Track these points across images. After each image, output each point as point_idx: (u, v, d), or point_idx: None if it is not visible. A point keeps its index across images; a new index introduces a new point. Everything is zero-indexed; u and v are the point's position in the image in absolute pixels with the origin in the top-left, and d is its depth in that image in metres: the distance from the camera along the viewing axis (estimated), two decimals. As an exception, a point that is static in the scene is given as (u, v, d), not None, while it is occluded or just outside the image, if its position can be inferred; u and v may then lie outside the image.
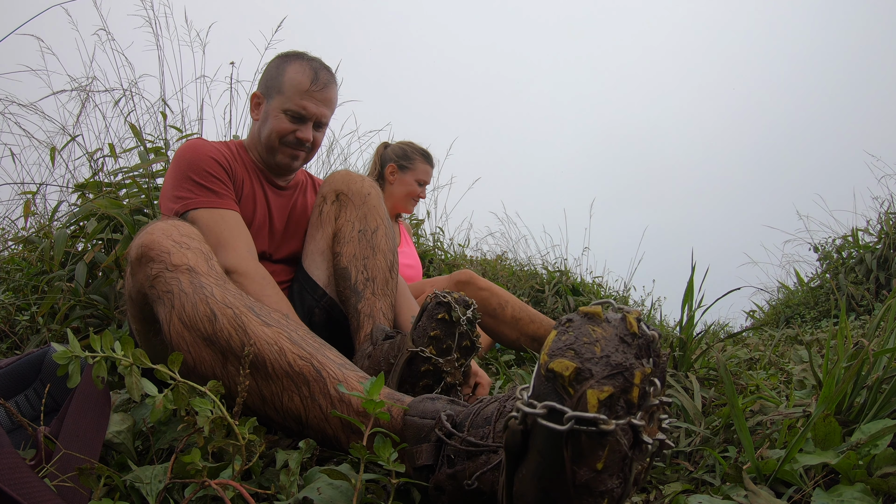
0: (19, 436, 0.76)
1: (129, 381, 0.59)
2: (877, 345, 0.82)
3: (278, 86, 1.27)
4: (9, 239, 2.27)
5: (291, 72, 1.27)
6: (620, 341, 0.45)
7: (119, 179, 2.07)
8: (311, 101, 1.26)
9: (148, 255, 0.81)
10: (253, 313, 0.74)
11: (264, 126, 1.29)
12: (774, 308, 4.19)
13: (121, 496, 0.61)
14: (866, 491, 0.55)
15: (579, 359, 0.44)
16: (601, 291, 3.99)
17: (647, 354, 0.46)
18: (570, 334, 0.46)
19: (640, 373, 0.43)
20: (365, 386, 0.62)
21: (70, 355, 0.59)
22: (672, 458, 0.82)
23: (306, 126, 1.28)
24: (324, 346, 0.75)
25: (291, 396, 0.69)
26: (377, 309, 1.15)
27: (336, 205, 1.26)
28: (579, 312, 0.48)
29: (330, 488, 0.56)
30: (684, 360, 1.09)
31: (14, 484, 0.49)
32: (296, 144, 1.29)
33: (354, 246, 1.20)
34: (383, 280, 1.19)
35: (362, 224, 1.23)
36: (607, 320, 0.46)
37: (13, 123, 2.23)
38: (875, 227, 3.67)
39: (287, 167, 1.33)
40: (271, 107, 1.28)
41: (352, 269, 1.18)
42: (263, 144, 1.31)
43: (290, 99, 1.26)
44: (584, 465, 0.42)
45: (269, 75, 1.31)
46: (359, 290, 1.16)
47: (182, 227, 0.88)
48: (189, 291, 0.76)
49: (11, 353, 1.64)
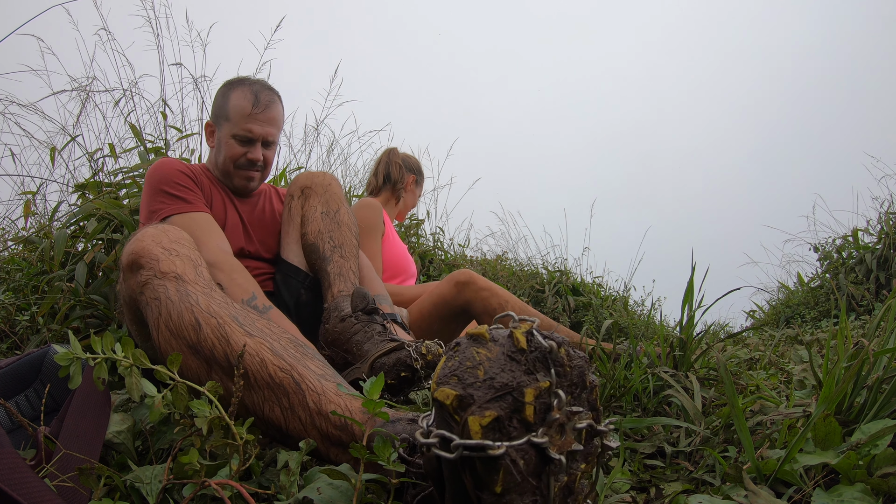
0: (19, 436, 0.76)
1: (129, 382, 0.60)
2: (877, 345, 0.82)
3: (225, 113, 1.38)
4: (9, 239, 2.27)
5: (234, 98, 1.37)
6: (508, 359, 0.44)
7: (119, 179, 2.07)
8: (256, 124, 1.36)
9: (138, 262, 0.83)
10: (236, 323, 0.75)
11: (219, 153, 1.41)
12: (774, 308, 4.19)
13: (121, 496, 0.61)
14: (866, 491, 0.55)
15: (461, 385, 0.43)
16: (601, 291, 3.99)
17: (543, 368, 0.44)
18: (455, 360, 0.45)
19: (532, 390, 0.42)
20: (365, 385, 0.63)
21: (71, 357, 0.59)
22: (672, 458, 0.82)
23: (255, 147, 1.39)
24: (305, 355, 0.75)
25: (272, 407, 0.70)
26: (346, 268, 1.24)
27: (302, 198, 1.37)
28: (466, 335, 0.47)
29: (330, 488, 0.56)
30: (684, 360, 1.09)
31: (14, 484, 0.49)
32: (248, 166, 1.40)
33: (318, 224, 1.31)
34: (351, 246, 1.29)
35: (325, 207, 1.33)
36: (493, 339, 0.45)
37: (13, 123, 2.23)
38: (875, 227, 3.67)
39: (244, 188, 1.43)
40: (222, 134, 1.39)
41: (318, 243, 1.28)
42: (220, 170, 1.42)
43: (237, 124, 1.36)
44: (484, 489, 0.42)
45: (216, 104, 1.42)
46: (327, 257, 1.26)
47: (171, 232, 0.90)
48: (175, 300, 0.77)
49: (11, 353, 1.64)
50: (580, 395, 0.48)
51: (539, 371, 0.44)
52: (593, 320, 3.32)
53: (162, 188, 1.26)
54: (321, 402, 0.68)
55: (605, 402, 1.02)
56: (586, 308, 3.50)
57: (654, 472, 0.79)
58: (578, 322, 3.36)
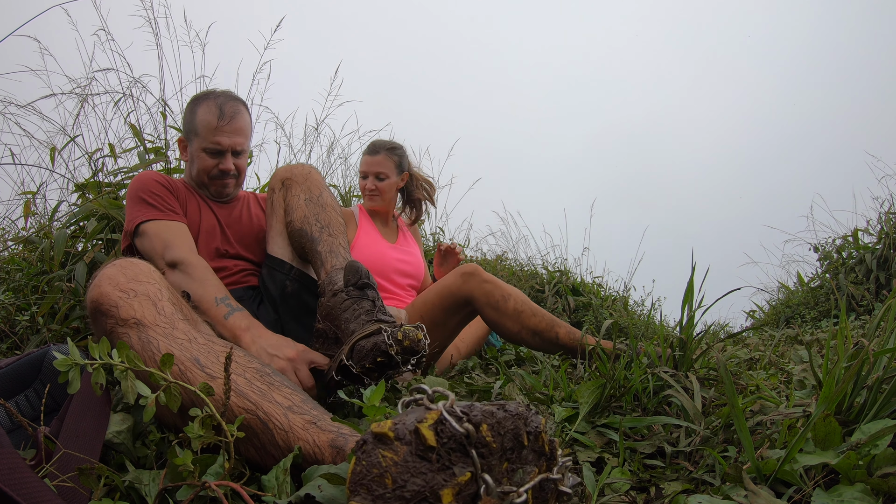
0: (19, 436, 0.76)
1: (124, 386, 0.60)
2: (877, 345, 0.82)
3: (194, 128, 1.43)
4: (9, 239, 2.26)
5: (201, 113, 1.42)
6: (419, 458, 0.40)
7: (119, 179, 2.07)
8: (223, 136, 1.41)
9: (99, 309, 0.82)
10: (197, 366, 0.75)
11: (192, 166, 1.46)
12: (774, 308, 4.19)
13: (121, 496, 0.61)
14: (866, 491, 0.55)
15: (371, 497, 0.39)
16: (601, 291, 3.99)
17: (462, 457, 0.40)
18: (363, 464, 0.41)
19: (449, 490, 0.39)
20: (365, 393, 0.63)
21: (70, 363, 0.59)
22: (672, 457, 0.82)
23: (225, 158, 1.43)
24: (272, 386, 0.75)
25: (247, 447, 0.71)
26: (336, 245, 1.23)
27: (283, 190, 1.36)
28: (371, 432, 0.42)
29: (331, 486, 0.56)
30: (684, 360, 1.09)
31: (14, 484, 0.49)
32: (220, 176, 1.45)
33: (303, 209, 1.30)
34: (338, 224, 1.29)
35: (307, 194, 1.33)
36: (399, 438, 0.40)
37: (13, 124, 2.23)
38: (875, 228, 3.67)
39: (221, 195, 1.49)
40: (193, 148, 1.44)
41: (305, 227, 1.28)
42: (195, 181, 1.48)
43: (205, 138, 1.41)
44: None
45: (186, 120, 1.47)
46: (315, 237, 1.25)
47: (129, 268, 0.88)
48: (138, 349, 0.77)
49: (11, 353, 1.64)
50: (520, 454, 0.44)
51: (457, 463, 0.40)
52: (593, 320, 3.32)
53: (140, 196, 1.34)
54: (289, 439, 0.69)
55: (606, 401, 1.02)
56: (586, 308, 3.50)
57: (653, 471, 0.79)
58: (578, 322, 3.36)
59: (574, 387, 1.11)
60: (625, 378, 1.03)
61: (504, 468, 0.43)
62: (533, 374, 1.50)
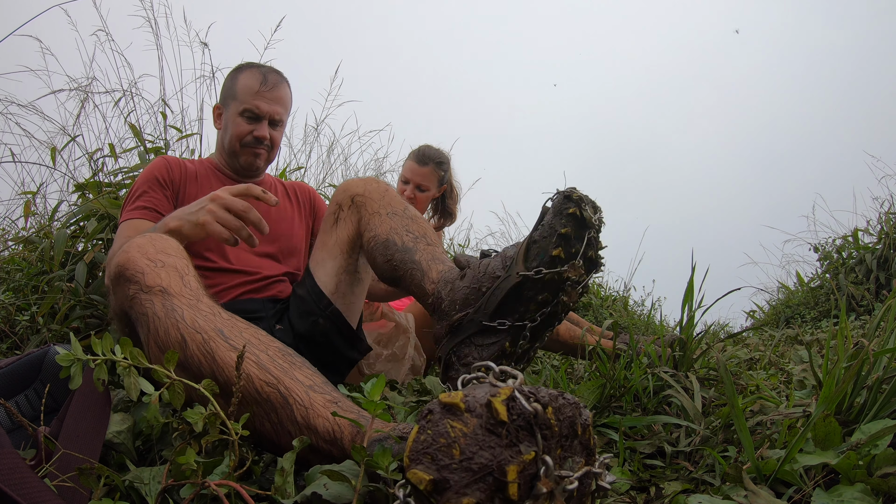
0: (19, 436, 0.76)
1: (127, 382, 0.60)
2: (877, 345, 0.82)
3: (233, 93, 1.40)
4: (9, 239, 2.27)
5: (243, 79, 1.40)
6: (488, 433, 0.39)
7: (119, 179, 2.07)
8: (263, 101, 1.37)
9: (124, 275, 0.81)
10: (221, 337, 0.74)
11: (226, 133, 1.42)
12: (774, 308, 4.19)
13: (121, 496, 0.61)
14: (866, 491, 0.55)
15: (436, 466, 0.39)
16: (601, 291, 3.99)
17: (528, 436, 0.40)
18: (428, 433, 0.40)
19: (514, 467, 0.38)
20: (366, 387, 0.62)
21: (73, 358, 0.59)
22: (672, 457, 0.82)
23: (262, 124, 1.39)
24: (293, 365, 0.74)
25: (262, 422, 0.69)
26: (439, 252, 1.05)
27: (353, 208, 1.20)
28: (439, 402, 0.42)
29: (336, 484, 0.56)
30: (684, 360, 1.09)
31: (14, 484, 0.49)
32: (255, 143, 1.40)
33: (388, 223, 1.12)
34: (434, 235, 1.13)
35: (389, 209, 1.16)
36: (469, 410, 0.40)
37: (13, 124, 2.23)
38: (875, 228, 3.67)
39: (251, 166, 1.43)
40: (229, 113, 1.41)
41: (394, 237, 1.09)
42: (227, 150, 1.42)
43: (244, 101, 1.37)
44: None
45: (225, 87, 1.45)
46: (410, 247, 1.05)
47: (159, 242, 0.87)
48: (161, 316, 0.76)
49: (11, 353, 1.64)
50: (572, 443, 0.44)
51: (523, 441, 0.40)
52: (593, 320, 3.32)
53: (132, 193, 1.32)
54: (309, 416, 0.67)
55: (605, 401, 1.02)
56: (586, 308, 3.50)
57: (653, 471, 0.79)
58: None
59: (574, 387, 1.11)
60: (625, 378, 1.03)
61: (558, 454, 0.43)
62: (533, 375, 1.50)
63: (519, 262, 0.82)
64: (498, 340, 0.83)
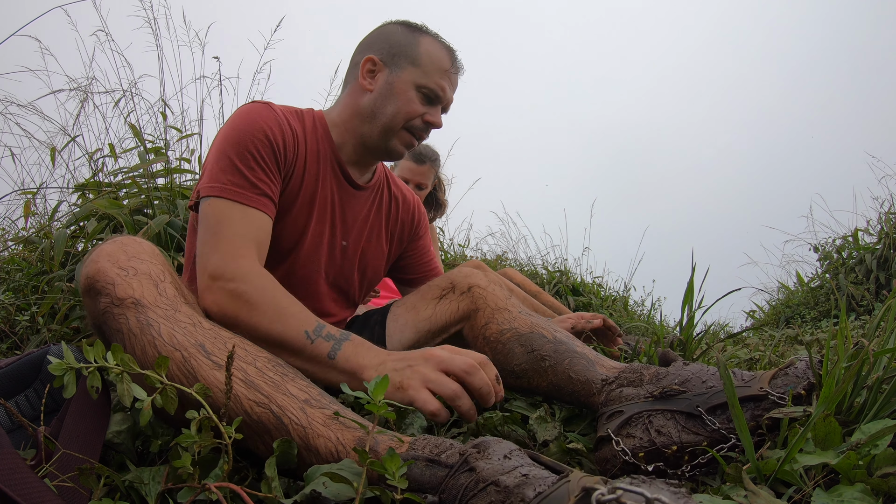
0: (19, 436, 0.76)
1: (120, 389, 0.58)
2: (877, 345, 0.82)
3: (412, 56, 1.07)
4: (9, 239, 2.27)
5: (428, 45, 1.09)
6: None
7: (119, 179, 2.08)
8: (449, 83, 1.11)
9: (94, 287, 0.73)
10: (203, 353, 0.68)
11: (387, 102, 1.08)
12: (774, 308, 4.19)
13: (121, 496, 0.61)
14: (866, 491, 0.55)
15: None
16: (601, 291, 3.99)
17: None
18: None
19: None
20: (369, 387, 0.61)
21: (65, 367, 0.58)
22: (672, 458, 0.82)
23: (436, 110, 1.12)
24: (286, 377, 0.68)
25: (256, 444, 0.65)
26: (583, 346, 0.96)
27: (468, 296, 1.07)
28: None
29: (334, 483, 0.56)
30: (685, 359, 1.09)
31: (14, 484, 0.49)
32: (422, 129, 1.11)
33: (530, 320, 1.00)
34: (552, 306, 1.10)
35: (521, 308, 1.05)
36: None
37: (13, 124, 2.23)
38: (875, 228, 3.67)
39: (398, 155, 1.13)
40: (399, 79, 1.07)
41: (541, 331, 0.97)
42: (381, 124, 1.09)
43: (429, 75, 1.07)
44: None
45: (393, 40, 1.09)
46: (565, 340, 0.95)
47: (131, 246, 0.78)
48: (137, 332, 0.69)
49: (11, 353, 1.64)
50: None
51: None
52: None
53: (229, 154, 0.96)
54: (308, 436, 0.63)
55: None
56: (586, 308, 3.49)
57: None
58: (578, 322, 3.36)
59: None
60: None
61: None
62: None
63: (764, 380, 0.77)
64: (699, 435, 0.74)
